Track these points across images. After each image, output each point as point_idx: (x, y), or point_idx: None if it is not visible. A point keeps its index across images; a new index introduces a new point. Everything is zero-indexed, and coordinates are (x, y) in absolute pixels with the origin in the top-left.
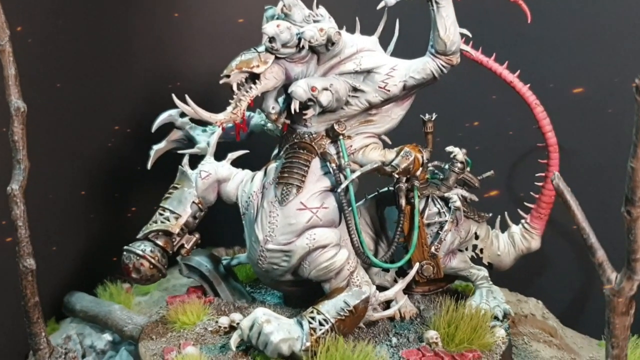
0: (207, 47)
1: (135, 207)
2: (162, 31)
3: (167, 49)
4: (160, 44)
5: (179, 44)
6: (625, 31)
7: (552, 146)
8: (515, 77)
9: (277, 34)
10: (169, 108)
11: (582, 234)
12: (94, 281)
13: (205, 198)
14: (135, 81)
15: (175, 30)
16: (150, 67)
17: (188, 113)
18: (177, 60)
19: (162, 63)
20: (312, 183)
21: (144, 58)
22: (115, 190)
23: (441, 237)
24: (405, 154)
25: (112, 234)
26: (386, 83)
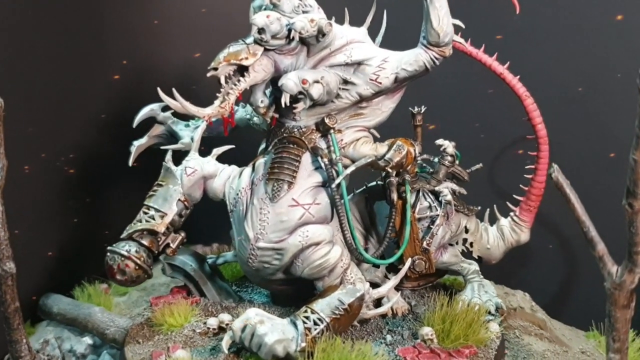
0: (185, 39)
1: (116, 205)
2: (136, 23)
3: (143, 41)
4: (136, 34)
5: (155, 36)
6: (616, 21)
7: (542, 138)
8: (505, 68)
9: (266, 25)
10: (148, 102)
11: (581, 227)
12: (70, 282)
13: (191, 195)
14: (112, 75)
15: (152, 22)
16: (127, 59)
17: (175, 108)
18: (153, 52)
19: (138, 55)
20: (304, 179)
21: (120, 50)
22: (94, 188)
23: (433, 232)
24: (398, 148)
25: (90, 233)
26: (377, 75)
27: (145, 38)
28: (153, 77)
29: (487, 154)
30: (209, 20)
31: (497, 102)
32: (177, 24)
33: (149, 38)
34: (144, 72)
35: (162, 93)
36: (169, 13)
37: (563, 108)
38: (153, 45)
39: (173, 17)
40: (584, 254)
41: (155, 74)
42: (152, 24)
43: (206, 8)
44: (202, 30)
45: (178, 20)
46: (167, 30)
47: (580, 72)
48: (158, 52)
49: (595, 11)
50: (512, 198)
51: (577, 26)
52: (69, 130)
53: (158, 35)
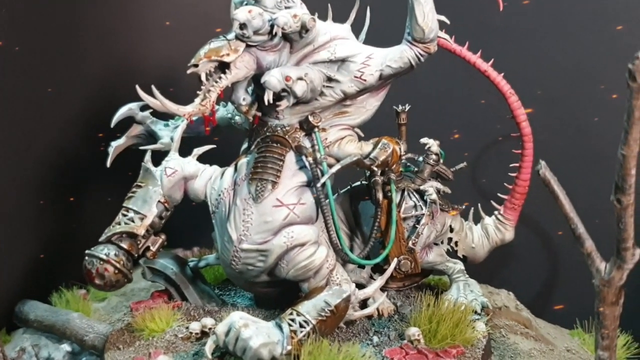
0: (163, 36)
1: (93, 208)
2: (114, 21)
3: (120, 38)
4: (112, 33)
5: (132, 34)
6: (599, 17)
7: (527, 136)
8: (489, 66)
9: (248, 20)
10: (125, 102)
11: (569, 224)
12: (47, 288)
13: (171, 197)
14: (87, 74)
15: (128, 19)
16: (104, 58)
17: (154, 106)
18: (131, 50)
19: (115, 54)
20: (288, 178)
21: (96, 49)
22: (70, 190)
23: (418, 231)
24: (383, 146)
25: (68, 237)
26: (362, 72)
27: (124, 36)
28: (131, 76)
29: (471, 152)
30: (189, 18)
31: (481, 99)
32: (158, 23)
33: (128, 36)
34: (122, 71)
35: (141, 91)
36: (150, 12)
37: (547, 105)
38: (133, 44)
39: (154, 16)
40: (566, 253)
41: (133, 73)
42: (131, 22)
43: (190, 6)
44: (183, 27)
45: (159, 19)
46: (147, 29)
47: (564, 69)
48: (137, 51)
49: (581, 10)
50: (496, 196)
51: (562, 24)
52: (42, 130)
53: (138, 34)
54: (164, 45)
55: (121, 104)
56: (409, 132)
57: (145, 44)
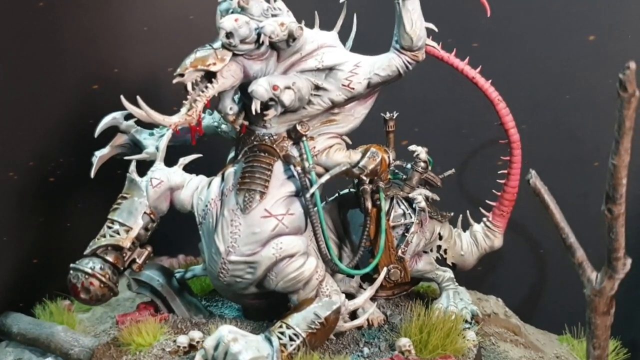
0: (144, 43)
1: (77, 219)
2: (94, 26)
3: (101, 45)
4: (93, 40)
5: (113, 40)
6: (589, 21)
7: (515, 143)
8: (477, 72)
9: (235, 29)
10: (106, 110)
11: (560, 233)
12: (31, 300)
13: (157, 208)
14: (68, 81)
15: (110, 26)
16: (84, 65)
17: (139, 116)
18: (112, 57)
19: (95, 60)
20: (276, 188)
21: (76, 56)
22: (52, 201)
23: (408, 240)
24: (372, 155)
25: (50, 249)
26: (350, 81)
27: (105, 44)
28: (115, 85)
29: (459, 159)
30: (171, 23)
31: (469, 106)
32: (139, 27)
33: (109, 44)
34: (105, 80)
35: (126, 101)
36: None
37: (535, 112)
38: (111, 52)
39: (135, 20)
40: (554, 257)
41: (118, 81)
42: (113, 27)
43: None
44: (164, 32)
45: (140, 24)
46: (129, 34)
47: (552, 76)
48: (120, 59)
49: (569, 19)
50: (484, 203)
51: (551, 31)
52: (25, 140)
53: (119, 38)
54: (146, 50)
55: (105, 110)
56: (397, 139)
57: (126, 49)
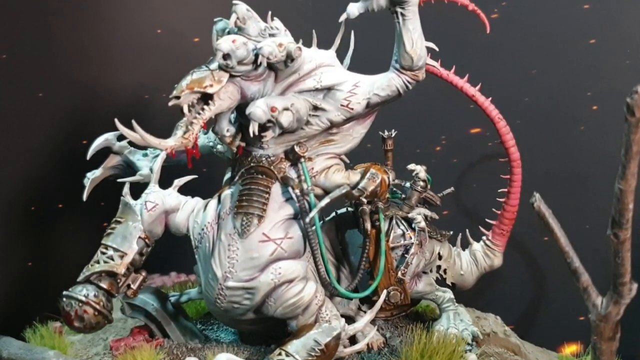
0: (135, 61)
1: (69, 242)
2: (84, 44)
3: (91, 62)
4: (84, 57)
5: (103, 58)
6: (588, 44)
7: (515, 161)
8: (476, 90)
9: (232, 50)
10: (100, 129)
11: (565, 257)
12: (21, 323)
13: (152, 232)
14: (63, 104)
15: (99, 43)
16: (75, 82)
17: (134, 140)
18: (102, 75)
19: (91, 82)
20: (274, 211)
21: (67, 72)
22: (45, 223)
23: (407, 261)
24: (372, 176)
25: (42, 271)
26: (349, 101)
27: (95, 61)
28: (107, 106)
29: (458, 177)
30: (165, 43)
31: (467, 123)
32: (131, 48)
33: (99, 62)
34: (97, 101)
35: (120, 124)
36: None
37: (535, 129)
38: (105, 70)
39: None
40: (551, 272)
41: (109, 102)
42: (102, 48)
43: (161, 29)
44: (159, 54)
45: (134, 45)
46: (120, 55)
47: (553, 93)
48: (109, 77)
49: (568, 33)
50: (484, 222)
51: (549, 45)
52: (14, 162)
53: (110, 58)
54: (143, 70)
55: (95, 130)
56: (395, 157)
57: (119, 65)
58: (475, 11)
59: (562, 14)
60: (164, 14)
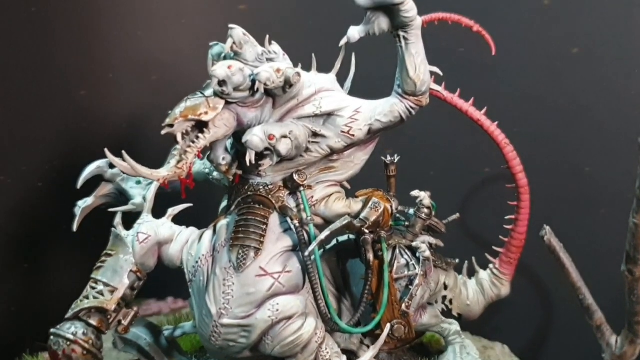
0: (128, 80)
1: (58, 275)
2: (79, 66)
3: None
4: (80, 77)
5: (97, 78)
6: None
7: (523, 188)
8: (482, 114)
9: (228, 76)
10: (90, 153)
11: (577, 294)
12: (11, 356)
13: (144, 264)
14: (49, 124)
15: (94, 65)
16: (67, 103)
17: (125, 170)
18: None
19: (76, 111)
20: (272, 243)
21: (59, 94)
22: (33, 255)
23: (412, 293)
24: (374, 205)
25: (30, 304)
26: (350, 127)
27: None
28: (98, 133)
29: (463, 202)
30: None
31: (473, 147)
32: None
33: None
34: (85, 128)
35: (109, 154)
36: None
37: (540, 149)
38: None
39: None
40: (559, 300)
41: (99, 128)
42: (90, 72)
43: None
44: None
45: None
46: (115, 68)
47: (557, 112)
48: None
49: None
50: (491, 249)
51: (554, 66)
52: (9, 188)
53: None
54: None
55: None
56: (398, 183)
57: (115, 85)
58: (481, 32)
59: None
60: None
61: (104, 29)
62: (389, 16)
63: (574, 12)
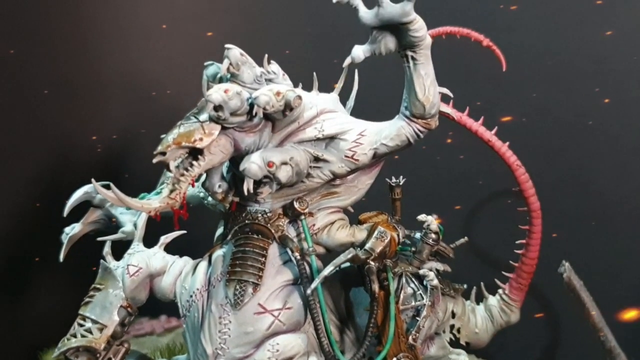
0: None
1: (44, 308)
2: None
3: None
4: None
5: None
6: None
7: (535, 212)
8: (492, 134)
9: (224, 101)
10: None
11: (599, 335)
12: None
13: (135, 298)
14: (37, 157)
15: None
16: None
17: (113, 202)
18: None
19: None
20: (271, 277)
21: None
22: (16, 286)
23: (419, 325)
24: (380, 235)
25: (14, 340)
26: (354, 152)
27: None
28: (85, 157)
29: (472, 225)
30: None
31: (483, 168)
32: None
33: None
34: (72, 153)
35: (97, 184)
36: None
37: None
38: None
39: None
40: (567, 321)
41: (85, 152)
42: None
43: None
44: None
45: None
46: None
47: (567, 125)
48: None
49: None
50: (500, 274)
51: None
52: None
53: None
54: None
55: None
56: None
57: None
58: (491, 47)
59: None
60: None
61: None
62: (396, 35)
63: (587, 22)
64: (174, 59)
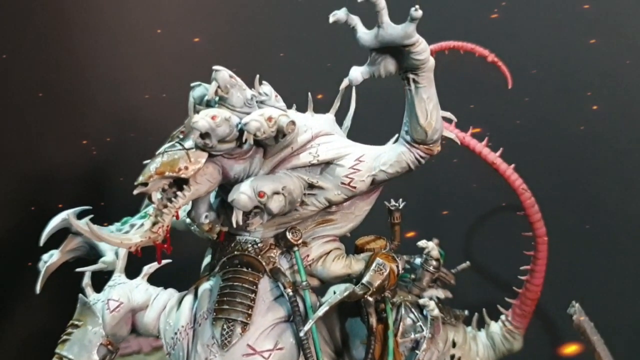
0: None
1: (18, 343)
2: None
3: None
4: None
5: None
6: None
7: (541, 237)
8: (497, 156)
9: (212, 128)
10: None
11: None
12: None
13: (116, 335)
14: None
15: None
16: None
17: (90, 237)
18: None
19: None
20: (261, 315)
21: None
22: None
23: (419, 358)
24: (378, 267)
25: None
26: (351, 179)
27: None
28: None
29: (474, 249)
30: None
31: (485, 189)
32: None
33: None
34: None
35: (74, 220)
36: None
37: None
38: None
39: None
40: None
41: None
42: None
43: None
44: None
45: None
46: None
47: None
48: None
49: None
50: (502, 300)
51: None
52: None
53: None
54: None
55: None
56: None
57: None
58: (496, 63)
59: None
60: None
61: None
62: (397, 57)
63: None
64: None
